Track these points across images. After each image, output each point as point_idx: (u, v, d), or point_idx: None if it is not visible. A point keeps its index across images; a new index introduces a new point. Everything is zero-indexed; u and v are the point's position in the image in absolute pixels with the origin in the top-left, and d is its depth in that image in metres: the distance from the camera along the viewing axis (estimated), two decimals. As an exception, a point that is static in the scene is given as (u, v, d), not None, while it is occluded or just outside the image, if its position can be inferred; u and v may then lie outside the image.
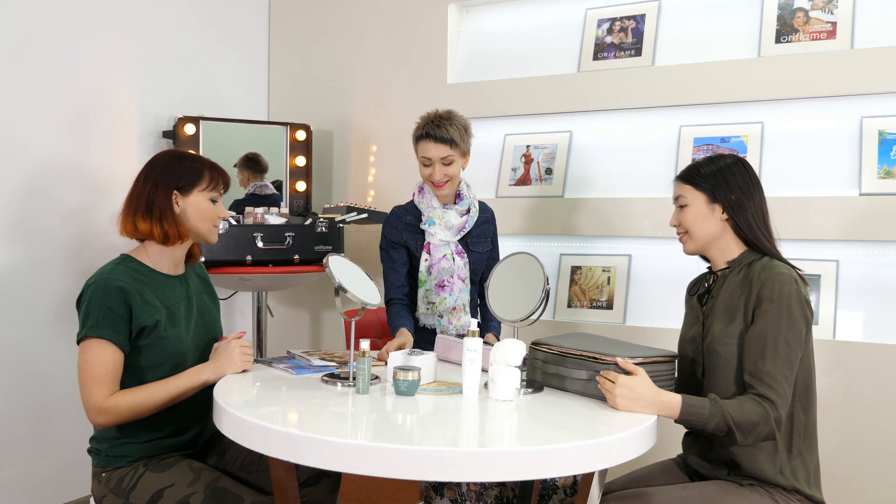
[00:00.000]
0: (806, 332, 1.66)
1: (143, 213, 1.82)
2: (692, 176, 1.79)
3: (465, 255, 2.39)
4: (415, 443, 1.40)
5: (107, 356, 1.71)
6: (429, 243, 2.37)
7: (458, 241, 2.40)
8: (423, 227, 2.38)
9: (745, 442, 1.60)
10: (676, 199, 1.83)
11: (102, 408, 1.69)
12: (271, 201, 3.41)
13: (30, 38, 2.74)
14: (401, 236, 2.40)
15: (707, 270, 1.86)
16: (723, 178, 1.76)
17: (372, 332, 2.82)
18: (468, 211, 2.40)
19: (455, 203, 2.40)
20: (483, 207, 2.49)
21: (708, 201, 1.77)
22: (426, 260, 2.36)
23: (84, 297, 1.76)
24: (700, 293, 1.84)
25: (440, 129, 2.27)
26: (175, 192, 1.82)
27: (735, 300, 1.71)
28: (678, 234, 1.84)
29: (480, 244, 2.44)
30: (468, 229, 2.40)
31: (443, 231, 2.36)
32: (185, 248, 1.90)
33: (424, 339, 2.41)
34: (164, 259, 1.86)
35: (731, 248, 1.78)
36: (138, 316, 1.75)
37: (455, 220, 2.37)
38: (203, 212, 1.85)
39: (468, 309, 2.40)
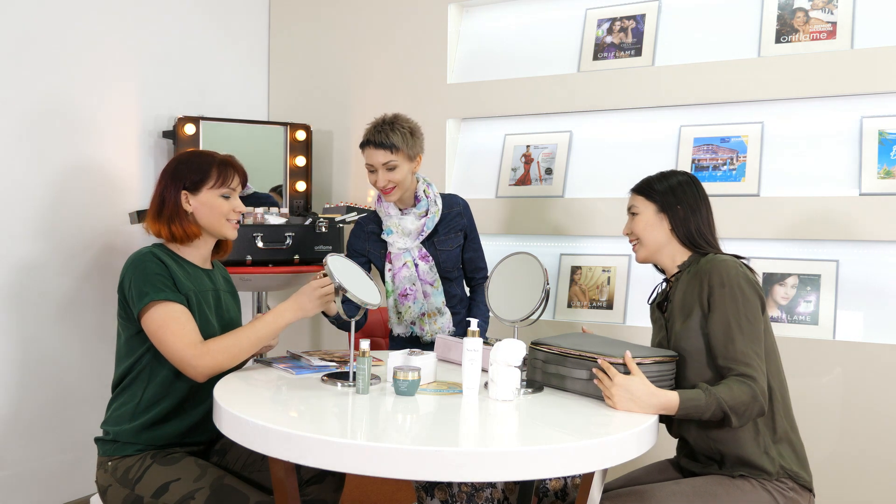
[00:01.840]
0: (762, 310, 1.73)
1: (154, 215, 1.90)
2: (645, 189, 1.91)
3: (431, 257, 2.37)
4: (415, 443, 1.40)
5: (176, 311, 1.76)
6: (390, 252, 2.36)
7: (424, 243, 2.37)
8: (383, 236, 2.37)
9: (739, 423, 1.64)
10: (629, 208, 1.94)
11: (197, 353, 1.73)
12: (254, 199, 3.40)
13: (29, 39, 2.74)
14: (363, 245, 2.41)
15: (663, 280, 1.94)
16: (672, 194, 1.88)
17: (367, 332, 2.82)
18: (427, 213, 2.36)
19: (414, 206, 2.37)
20: (452, 201, 2.45)
21: (657, 211, 1.88)
22: (389, 270, 2.36)
23: (126, 277, 1.81)
24: (659, 301, 1.91)
25: (380, 135, 2.27)
26: (184, 192, 1.87)
27: (689, 296, 1.78)
28: (630, 241, 1.94)
29: (449, 241, 2.41)
30: (428, 231, 2.36)
31: (401, 238, 2.34)
32: (208, 244, 1.95)
33: (408, 346, 2.39)
34: (191, 250, 1.92)
35: (678, 254, 1.88)
36: (175, 282, 1.81)
37: (412, 224, 2.34)
38: (213, 209, 1.88)
39: (444, 310, 2.38)
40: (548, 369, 1.78)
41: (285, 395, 1.71)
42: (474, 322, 1.73)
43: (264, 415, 1.51)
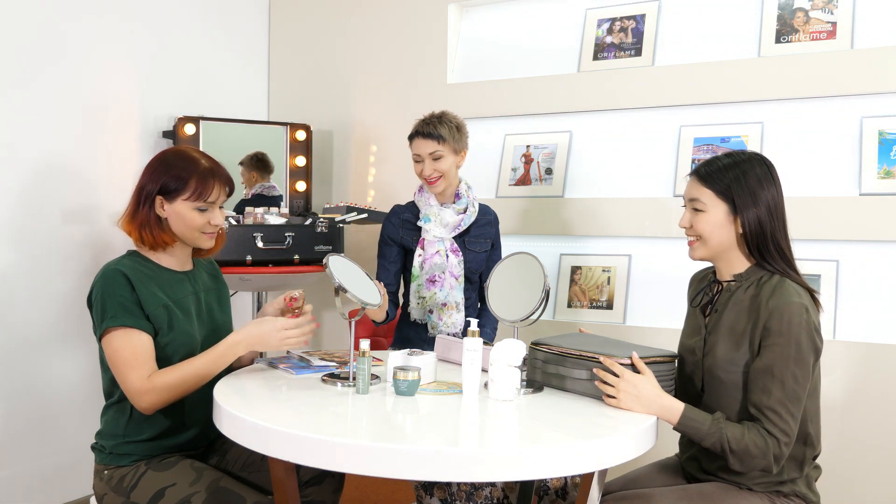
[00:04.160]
0: (814, 362, 1.60)
1: (129, 215, 1.82)
2: (715, 180, 1.67)
3: (461, 253, 2.41)
4: (415, 443, 1.40)
5: (133, 341, 1.71)
6: (423, 239, 2.40)
7: (455, 239, 2.42)
8: (419, 223, 2.41)
9: (737, 468, 1.58)
10: (692, 200, 1.70)
11: (142, 389, 1.69)
12: (276, 202, 3.41)
13: (30, 39, 2.74)
14: (397, 232, 2.44)
15: (712, 278, 1.78)
16: (750, 192, 1.64)
17: (372, 331, 2.81)
18: (465, 210, 2.42)
19: (454, 202, 2.42)
20: (486, 210, 2.53)
21: (728, 212, 1.66)
22: (420, 255, 2.40)
23: (93, 292, 1.76)
24: (703, 304, 1.77)
25: (429, 126, 2.36)
26: (160, 197, 1.80)
27: (741, 324, 1.65)
28: (688, 236, 1.74)
29: (478, 244, 2.46)
30: (463, 227, 2.42)
31: (438, 228, 2.39)
32: (185, 249, 1.89)
33: (418, 336, 2.43)
34: (167, 256, 1.86)
35: (739, 261, 1.70)
36: (143, 302, 1.75)
37: (451, 217, 2.40)
38: (185, 220, 1.81)
39: (461, 307, 2.41)
40: (548, 369, 1.77)
41: (285, 395, 1.71)
42: (474, 322, 1.73)
43: (264, 415, 1.51)
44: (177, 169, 1.80)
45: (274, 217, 3.09)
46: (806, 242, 2.66)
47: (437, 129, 2.34)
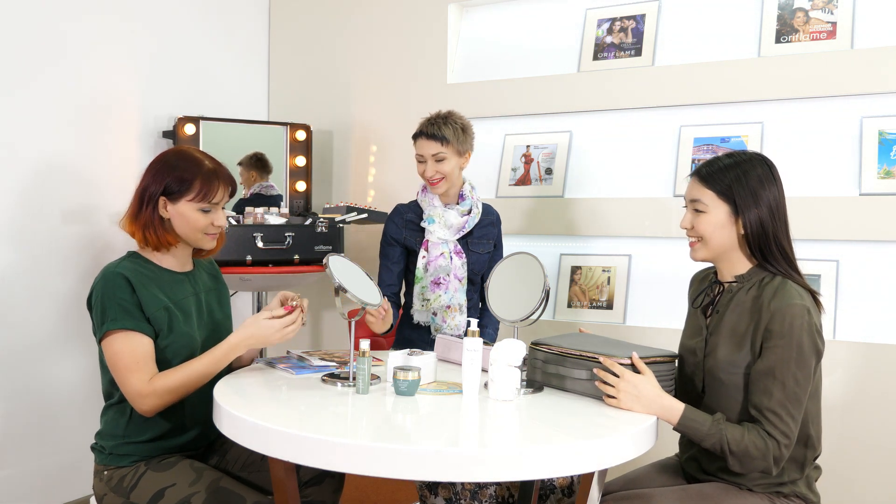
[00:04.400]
0: (816, 364, 1.60)
1: (131, 216, 1.82)
2: (716, 181, 1.66)
3: (464, 255, 2.41)
4: (415, 443, 1.40)
5: (133, 343, 1.71)
6: (427, 241, 2.38)
7: (458, 241, 2.41)
8: (423, 224, 2.40)
9: (737, 469, 1.58)
10: (693, 201, 1.70)
11: (143, 392, 1.69)
12: (275, 202, 3.42)
13: (30, 39, 2.74)
14: (400, 233, 2.43)
15: (713, 278, 1.78)
16: (752, 193, 1.64)
17: (370, 331, 2.81)
18: (469, 212, 2.41)
19: (457, 203, 2.41)
20: (488, 210, 2.51)
21: (730, 212, 1.65)
22: (423, 257, 2.38)
23: (93, 295, 1.76)
24: (704, 305, 1.76)
25: (433, 127, 2.33)
26: (163, 197, 1.80)
27: (743, 326, 1.64)
28: (689, 237, 1.73)
29: (481, 245, 2.45)
30: (468, 229, 2.41)
31: (442, 230, 2.38)
32: (186, 250, 1.89)
33: (420, 338, 2.42)
34: (168, 256, 1.86)
35: (740, 262, 1.69)
36: (143, 304, 1.75)
37: (455, 219, 2.38)
38: (189, 221, 1.81)
39: (464, 309, 2.40)
40: (548, 369, 1.77)
41: (285, 395, 1.71)
42: (474, 322, 1.73)
43: (264, 415, 1.51)
44: (180, 170, 1.80)
45: (274, 217, 3.09)
46: (806, 242, 2.66)
47: (441, 130, 2.31)
